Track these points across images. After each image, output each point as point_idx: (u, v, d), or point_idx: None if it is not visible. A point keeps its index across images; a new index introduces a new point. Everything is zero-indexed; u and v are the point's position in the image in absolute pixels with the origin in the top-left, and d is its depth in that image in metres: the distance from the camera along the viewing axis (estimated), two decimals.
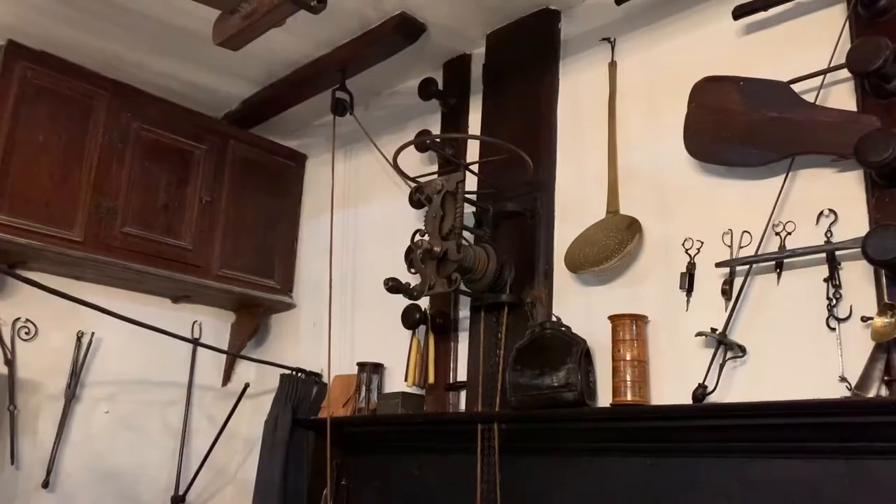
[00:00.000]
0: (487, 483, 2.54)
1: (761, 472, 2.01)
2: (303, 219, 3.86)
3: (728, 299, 2.22)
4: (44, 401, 3.19)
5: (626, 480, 2.27)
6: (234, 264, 3.53)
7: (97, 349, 3.35)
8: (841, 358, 1.98)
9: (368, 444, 3.06)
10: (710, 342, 2.21)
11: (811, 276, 2.09)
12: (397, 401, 2.95)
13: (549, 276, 2.71)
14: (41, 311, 3.19)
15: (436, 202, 2.58)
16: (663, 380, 2.33)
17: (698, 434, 2.13)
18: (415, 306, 2.99)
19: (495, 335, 2.76)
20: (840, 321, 2.01)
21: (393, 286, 2.50)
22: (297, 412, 3.28)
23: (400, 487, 2.89)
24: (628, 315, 2.37)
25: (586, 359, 2.45)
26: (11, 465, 3.04)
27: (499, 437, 2.53)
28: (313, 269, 3.68)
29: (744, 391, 2.14)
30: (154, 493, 3.43)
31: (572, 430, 2.42)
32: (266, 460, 3.24)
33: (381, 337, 3.26)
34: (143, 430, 3.46)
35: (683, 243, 2.37)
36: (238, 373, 3.77)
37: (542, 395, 2.43)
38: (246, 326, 3.73)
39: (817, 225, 2.11)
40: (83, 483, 3.24)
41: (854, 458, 1.88)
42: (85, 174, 3.13)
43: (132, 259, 3.20)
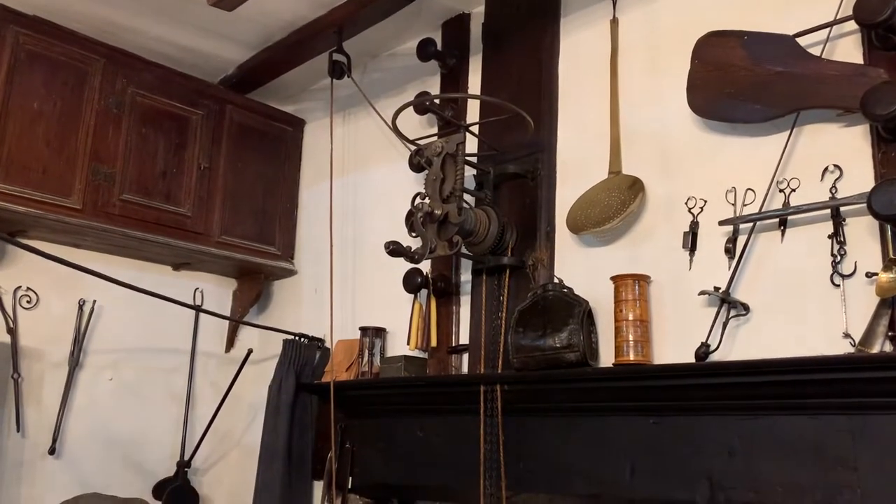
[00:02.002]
0: (490, 443, 2.55)
1: (763, 428, 2.02)
2: (302, 184, 3.83)
3: (731, 258, 2.21)
4: (47, 368, 3.20)
5: (628, 439, 2.28)
6: (234, 231, 3.51)
7: (99, 317, 3.35)
8: (845, 314, 1.98)
9: (372, 407, 3.07)
10: (712, 301, 2.21)
11: (815, 233, 2.07)
12: (400, 364, 2.95)
13: (550, 237, 2.69)
14: (42, 280, 3.18)
15: (436, 165, 2.55)
16: (666, 339, 2.33)
17: (701, 392, 2.13)
18: (416, 270, 2.98)
19: (497, 298, 2.75)
20: (844, 277, 2.00)
21: (394, 249, 2.48)
22: (300, 377, 3.30)
23: (404, 449, 2.91)
24: (631, 275, 2.35)
25: (588, 319, 2.45)
26: (17, 432, 3.06)
27: (501, 397, 2.53)
28: (314, 235, 3.66)
29: (747, 349, 2.14)
30: (160, 458, 3.45)
31: (575, 391, 2.41)
32: (270, 424, 3.26)
33: (383, 301, 3.26)
34: (147, 396, 3.48)
35: (686, 202, 2.35)
36: (241, 339, 3.78)
37: (545, 355, 2.44)
38: (247, 293, 3.73)
39: (822, 181, 2.09)
40: (89, 449, 3.27)
41: (856, 414, 1.88)
42: (81, 141, 3.10)
43: (131, 226, 3.18)
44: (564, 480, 2.43)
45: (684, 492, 2.15)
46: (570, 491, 2.44)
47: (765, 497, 2.00)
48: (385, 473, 3.00)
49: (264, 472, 3.21)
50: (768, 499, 1.99)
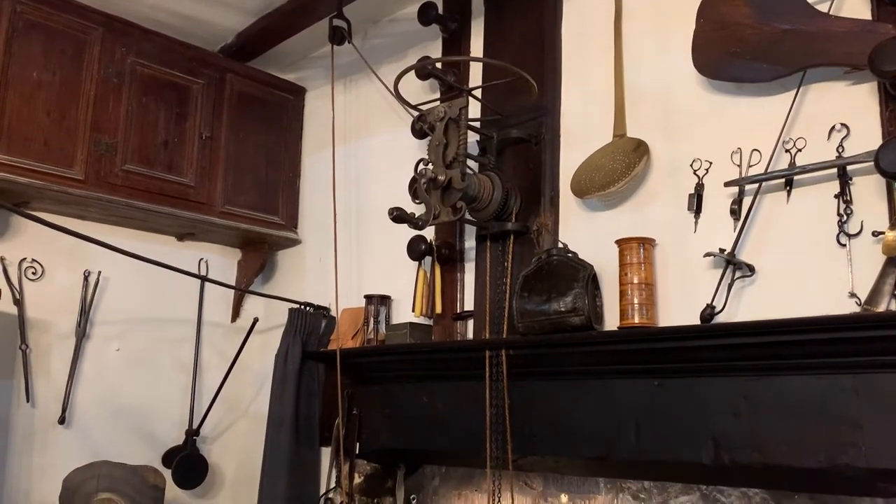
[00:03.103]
0: (496, 408, 2.57)
1: (768, 389, 2.02)
2: (304, 153, 3.82)
3: (737, 219, 2.20)
4: (55, 339, 3.21)
5: (633, 401, 2.29)
6: (237, 200, 3.50)
7: (104, 288, 3.36)
8: (851, 274, 1.97)
9: (378, 374, 3.09)
10: (718, 262, 2.20)
11: (821, 193, 2.06)
12: (405, 331, 2.96)
13: (554, 202, 2.68)
14: (47, 251, 3.19)
15: (438, 130, 2.54)
16: (671, 302, 2.33)
17: (705, 354, 2.13)
18: (420, 237, 2.98)
19: (501, 264, 2.75)
20: (850, 237, 1.99)
21: (398, 216, 2.48)
22: (306, 345, 3.31)
23: (410, 414, 2.93)
24: (635, 238, 2.35)
25: (593, 283, 2.44)
26: (27, 402, 3.09)
27: (507, 362, 2.53)
28: (317, 204, 3.66)
29: (752, 310, 2.14)
30: (168, 427, 3.49)
31: (580, 354, 2.42)
32: (278, 393, 3.28)
33: (388, 269, 3.26)
34: (154, 366, 3.50)
35: (692, 164, 2.33)
36: (246, 309, 3.79)
37: (550, 320, 2.44)
38: (252, 263, 3.73)
39: (829, 140, 2.07)
40: (99, 419, 3.30)
41: (861, 373, 1.88)
42: (82, 112, 3.08)
43: (135, 196, 3.18)
44: (570, 443, 2.45)
45: (689, 452, 2.17)
46: (575, 453, 2.46)
47: (769, 456, 2.01)
48: (392, 439, 3.03)
49: (272, 439, 3.24)
50: (773, 458, 2.00)
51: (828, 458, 1.91)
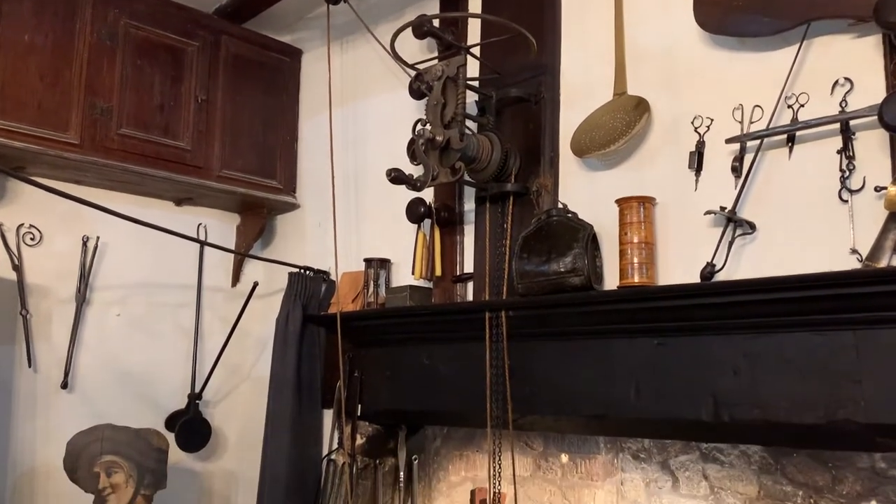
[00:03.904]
0: (496, 368, 2.57)
1: (768, 346, 2.02)
2: (301, 116, 3.78)
3: (738, 176, 2.18)
4: (55, 305, 3.22)
5: (633, 361, 2.30)
6: (234, 165, 3.48)
7: (103, 253, 3.35)
8: (853, 230, 1.96)
9: (378, 337, 3.10)
10: (718, 220, 2.19)
11: (824, 149, 2.04)
12: (405, 294, 2.96)
13: (554, 162, 2.66)
14: (44, 217, 3.17)
15: (436, 89, 2.50)
16: (671, 261, 2.32)
17: (705, 312, 2.13)
18: (419, 200, 2.96)
19: (501, 225, 2.74)
20: (853, 193, 1.97)
21: (396, 177, 2.45)
22: (306, 309, 3.31)
23: (411, 376, 2.95)
24: (636, 197, 2.33)
25: (593, 244, 2.44)
26: (29, 367, 3.10)
27: (506, 324, 2.54)
28: (315, 168, 3.63)
29: (752, 268, 2.13)
30: (171, 391, 3.51)
31: (579, 315, 2.42)
32: (279, 356, 3.29)
33: (387, 233, 3.25)
34: (155, 331, 3.51)
35: (693, 121, 2.31)
36: (246, 273, 3.79)
37: (549, 280, 2.43)
38: (251, 228, 3.72)
39: (832, 95, 2.04)
40: (101, 383, 3.32)
41: (862, 329, 1.88)
42: (76, 75, 3.04)
43: (131, 161, 3.16)
44: (570, 402, 2.47)
45: (689, 410, 2.18)
46: (575, 412, 2.48)
47: (769, 412, 2.02)
48: (393, 400, 3.05)
49: (274, 402, 3.26)
50: (772, 414, 2.01)
51: (827, 413, 1.92)
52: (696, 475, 3.06)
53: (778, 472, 2.83)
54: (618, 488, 3.28)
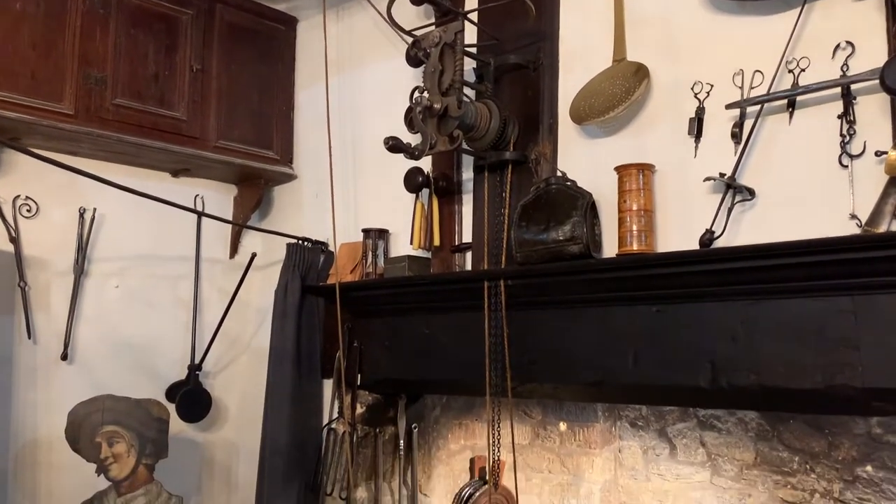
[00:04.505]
0: (495, 337, 2.58)
1: (766, 312, 2.03)
2: (298, 86, 3.74)
3: (738, 143, 2.17)
4: (53, 277, 3.21)
5: (631, 328, 2.30)
6: (230, 135, 3.45)
7: (101, 225, 3.34)
8: (852, 196, 1.95)
9: (377, 307, 3.10)
10: (718, 187, 2.18)
11: (824, 114, 2.03)
12: (404, 264, 2.96)
13: (553, 130, 2.64)
14: (40, 188, 3.16)
15: (434, 56, 2.48)
16: (670, 228, 2.32)
17: (704, 279, 2.13)
18: (417, 169, 2.95)
19: (499, 194, 2.73)
20: (853, 158, 1.96)
21: (394, 145, 2.44)
22: (305, 280, 3.31)
23: (410, 346, 2.96)
24: (635, 165, 2.32)
25: (592, 212, 2.43)
26: (29, 339, 3.10)
27: (505, 292, 2.54)
28: (312, 138, 3.61)
29: (752, 234, 2.12)
30: (171, 362, 3.52)
31: (578, 283, 2.42)
32: (278, 327, 3.30)
33: (385, 203, 3.24)
34: (154, 303, 3.51)
35: (692, 87, 2.29)
36: (244, 245, 3.78)
37: (548, 249, 2.43)
38: (248, 199, 3.71)
39: (833, 59, 2.02)
40: (101, 355, 3.32)
41: (860, 294, 1.89)
42: (69, 44, 3.01)
43: (126, 131, 3.13)
44: (568, 370, 2.48)
45: (687, 376, 2.19)
46: (573, 380, 2.49)
47: (766, 378, 2.03)
48: (392, 370, 3.06)
49: (274, 372, 3.27)
50: (770, 380, 2.02)
51: (824, 378, 1.93)
52: (694, 442, 3.09)
53: (774, 438, 2.86)
54: (615, 456, 3.31)
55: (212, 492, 3.66)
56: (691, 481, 3.07)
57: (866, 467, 2.64)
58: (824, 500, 2.73)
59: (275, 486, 3.15)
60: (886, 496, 2.60)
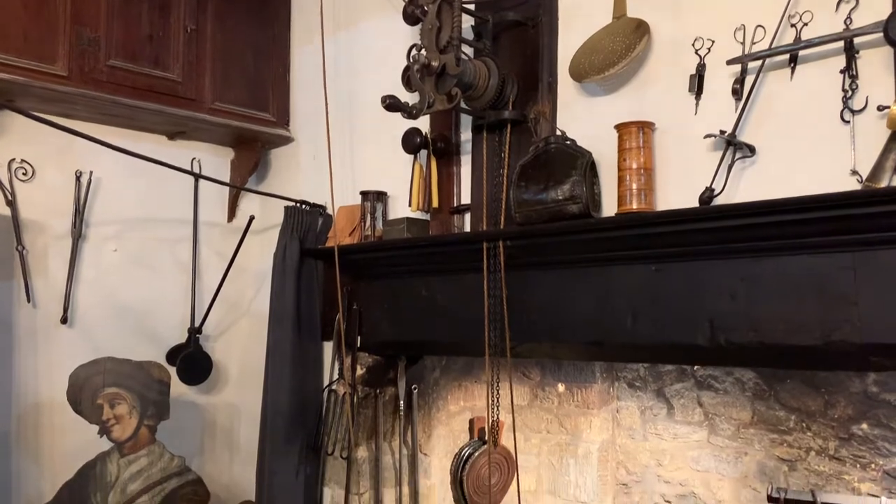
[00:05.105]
0: (494, 298, 2.58)
1: (766, 269, 2.03)
2: (293, 46, 3.68)
3: (738, 99, 2.14)
4: (51, 241, 3.20)
5: (630, 287, 2.30)
6: (226, 97, 3.41)
7: (97, 188, 3.32)
8: (853, 151, 1.94)
9: (376, 270, 3.10)
10: (718, 144, 2.16)
11: (827, 69, 2.00)
12: (402, 226, 2.95)
13: (552, 88, 2.61)
14: (36, 151, 3.13)
15: (431, 12, 2.44)
16: (670, 187, 2.30)
17: (703, 237, 2.12)
18: (415, 130, 2.92)
19: (498, 155, 2.71)
20: (854, 113, 1.94)
21: (391, 104, 2.42)
22: (304, 243, 3.30)
23: (409, 308, 2.96)
24: (635, 122, 2.30)
25: (591, 171, 2.41)
26: (28, 302, 3.10)
27: (504, 253, 2.53)
28: (309, 100, 3.57)
29: (752, 192, 2.11)
30: (170, 326, 3.52)
31: (577, 243, 2.41)
32: (278, 290, 3.30)
33: (383, 165, 3.22)
34: (153, 266, 3.50)
35: (693, 43, 2.25)
36: (242, 209, 3.76)
37: (547, 209, 2.42)
38: (245, 162, 3.68)
39: (836, 12, 1.98)
40: (101, 318, 3.32)
41: (859, 250, 1.89)
42: (61, 3, 2.94)
43: (121, 93, 3.09)
44: (567, 330, 2.48)
45: (685, 335, 2.19)
46: (572, 339, 2.50)
47: (765, 335, 2.03)
48: (392, 332, 3.07)
49: (275, 335, 3.28)
50: (768, 337, 2.03)
51: (823, 334, 1.93)
52: (691, 402, 3.12)
53: (771, 397, 2.89)
54: (613, 416, 3.34)
55: (214, 453, 3.69)
56: (688, 440, 3.11)
57: (862, 425, 2.67)
58: (820, 458, 2.77)
59: (276, 447, 3.17)
60: (881, 453, 2.64)
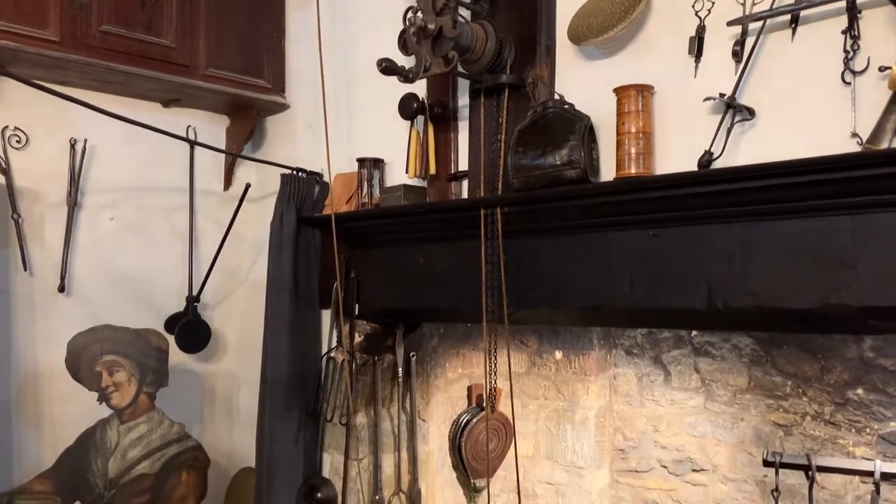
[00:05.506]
0: (492, 264, 2.58)
1: (763, 233, 2.02)
2: (288, 11, 3.62)
3: (738, 61, 2.12)
4: (46, 209, 3.18)
5: (628, 253, 2.30)
6: (220, 63, 3.37)
7: (92, 156, 3.29)
8: (854, 114, 1.92)
9: (374, 238, 3.09)
10: (717, 108, 2.14)
11: (828, 30, 1.97)
12: (399, 193, 2.94)
13: (551, 52, 2.58)
14: (29, 119, 3.10)
15: None
16: (669, 151, 2.28)
17: (702, 201, 2.11)
18: (412, 95, 2.89)
19: (496, 120, 2.68)
20: (856, 74, 1.92)
21: (387, 67, 2.38)
22: (300, 212, 3.28)
23: (407, 275, 2.96)
24: (634, 86, 2.27)
25: (590, 135, 2.40)
26: (25, 271, 3.10)
27: (502, 220, 2.52)
28: (304, 67, 3.52)
29: (751, 155, 2.09)
30: (169, 294, 3.52)
31: (575, 208, 2.40)
32: (275, 259, 3.28)
33: (380, 131, 3.19)
34: (149, 235, 3.49)
35: (693, 5, 2.22)
36: (238, 177, 3.74)
37: (545, 174, 2.41)
38: (241, 130, 3.65)
39: None
40: (98, 287, 3.32)
41: (859, 213, 1.88)
42: None
43: (115, 59, 3.05)
44: (564, 295, 2.48)
45: (683, 299, 2.19)
46: (570, 305, 2.50)
47: (762, 299, 2.03)
48: (390, 300, 3.08)
49: (273, 303, 3.27)
50: (766, 301, 2.03)
51: (820, 298, 1.93)
52: (688, 369, 3.14)
53: (768, 363, 2.90)
54: (610, 383, 3.36)
55: (213, 421, 3.71)
56: (685, 406, 3.13)
57: (857, 390, 2.69)
58: (815, 423, 2.79)
59: (276, 414, 3.19)
60: (877, 418, 2.66)
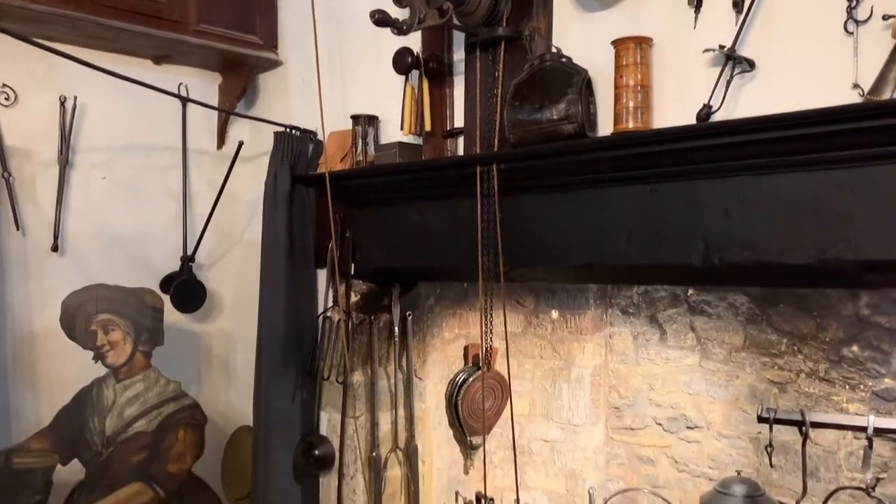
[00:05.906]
0: (488, 222, 2.56)
1: (761, 187, 2.00)
2: None
3: (739, 12, 2.07)
4: (38, 168, 3.15)
5: (625, 208, 2.27)
6: (211, 19, 3.30)
7: (83, 114, 3.25)
8: (856, 64, 1.88)
9: (369, 196, 3.06)
10: (717, 60, 2.10)
11: None
12: (394, 151, 2.90)
13: (548, 3, 2.52)
14: (16, 75, 3.05)
15: None
16: (668, 104, 2.25)
17: (699, 155, 2.08)
18: (406, 49, 2.84)
19: (492, 74, 2.64)
20: (859, 24, 1.88)
21: (380, 18, 2.34)
22: (295, 170, 3.25)
23: (403, 234, 2.94)
24: (632, 38, 2.23)
25: (587, 89, 2.36)
26: (17, 230, 3.07)
27: (498, 177, 2.49)
28: (297, 21, 3.45)
29: (750, 108, 2.06)
30: (163, 254, 3.50)
31: (572, 164, 2.37)
32: (270, 218, 3.26)
33: (374, 87, 3.14)
34: (143, 194, 3.46)
35: None
36: (231, 136, 3.69)
37: (542, 129, 2.37)
38: (233, 87, 3.59)
39: None
40: (92, 246, 3.30)
41: (858, 167, 1.85)
42: None
43: (103, 14, 2.98)
44: (560, 253, 2.47)
45: (680, 255, 2.18)
46: (566, 262, 2.48)
47: (759, 254, 2.02)
48: (386, 259, 3.06)
49: (268, 263, 3.25)
50: (763, 255, 2.01)
51: (818, 252, 1.91)
52: (684, 327, 3.13)
53: (763, 321, 2.90)
54: (606, 342, 3.36)
55: (210, 380, 3.73)
56: (680, 365, 3.14)
57: (852, 347, 2.69)
58: (810, 380, 2.79)
59: (273, 373, 3.20)
60: (871, 374, 2.66)
